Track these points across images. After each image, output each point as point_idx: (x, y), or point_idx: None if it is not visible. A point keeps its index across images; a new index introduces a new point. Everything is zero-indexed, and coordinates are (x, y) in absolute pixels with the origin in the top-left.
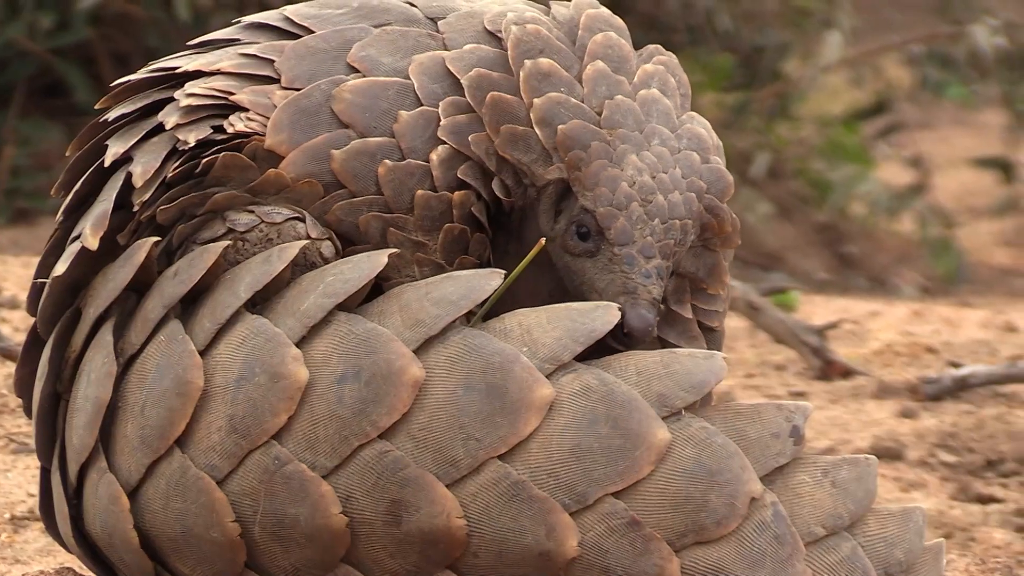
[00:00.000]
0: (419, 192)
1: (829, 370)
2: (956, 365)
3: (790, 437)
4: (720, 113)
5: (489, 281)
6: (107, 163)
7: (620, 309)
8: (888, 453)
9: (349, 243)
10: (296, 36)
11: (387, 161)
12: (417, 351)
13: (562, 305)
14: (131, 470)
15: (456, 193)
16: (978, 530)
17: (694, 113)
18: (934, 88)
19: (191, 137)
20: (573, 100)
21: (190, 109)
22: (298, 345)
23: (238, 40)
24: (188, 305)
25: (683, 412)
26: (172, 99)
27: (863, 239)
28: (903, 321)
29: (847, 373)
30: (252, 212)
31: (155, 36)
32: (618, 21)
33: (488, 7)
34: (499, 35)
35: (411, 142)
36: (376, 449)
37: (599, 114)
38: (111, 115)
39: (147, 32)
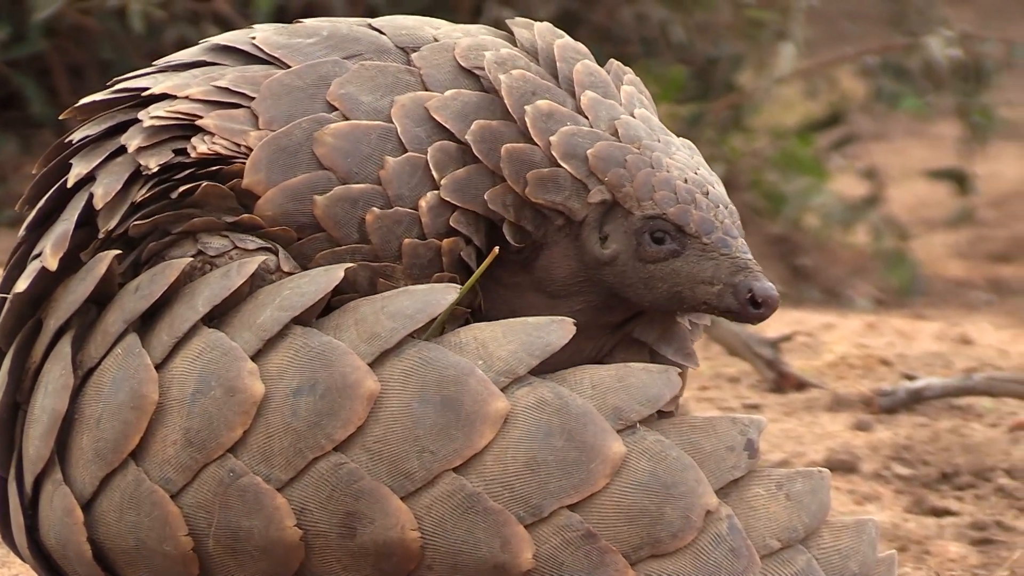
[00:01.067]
0: (407, 240)
1: (783, 382)
2: (911, 378)
3: (745, 450)
4: (674, 125)
5: (445, 295)
6: (70, 183)
7: (746, 285)
8: (842, 466)
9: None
10: (264, 62)
11: (375, 209)
12: (373, 364)
13: (518, 319)
14: (86, 483)
15: (445, 240)
16: (933, 543)
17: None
18: (888, 99)
19: (152, 162)
20: (586, 128)
21: (153, 131)
22: (254, 358)
23: (204, 62)
24: (147, 318)
25: (638, 425)
26: (137, 120)
27: (817, 251)
28: (857, 333)
29: (801, 385)
30: (226, 237)
31: (109, 48)
32: (583, 47)
33: (454, 36)
34: (476, 72)
35: (398, 189)
36: (331, 462)
37: (615, 135)
38: (76, 135)
39: (101, 44)
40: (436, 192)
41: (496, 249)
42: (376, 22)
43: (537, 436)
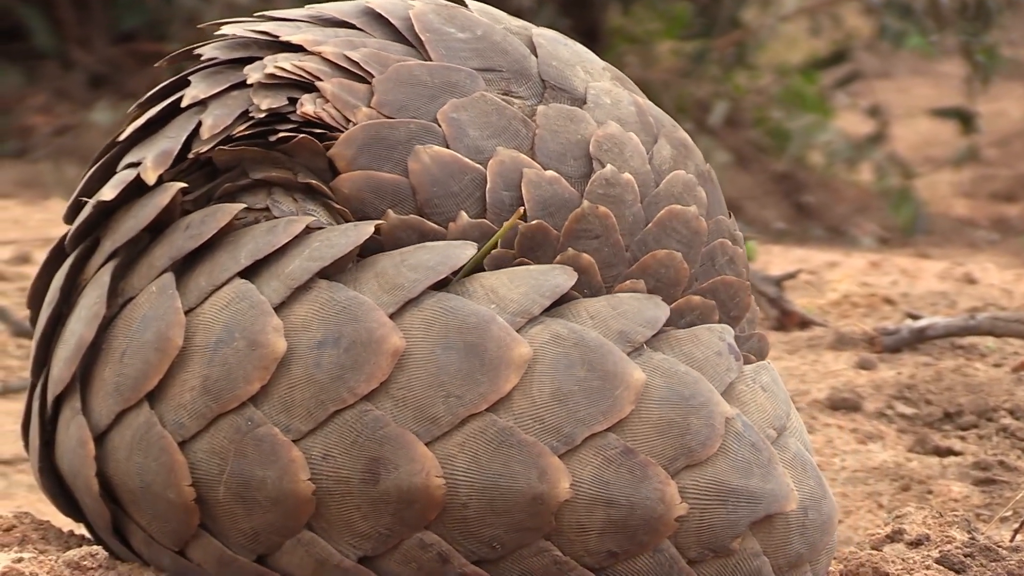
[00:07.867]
0: None
1: (786, 320)
2: (914, 317)
3: (731, 354)
4: (678, 62)
5: (464, 250)
6: (184, 103)
7: None
8: (845, 404)
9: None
10: (410, 45)
11: None
12: (394, 315)
13: (520, 267)
14: (102, 415)
15: None
16: (936, 483)
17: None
18: (893, 38)
19: (265, 103)
20: None
21: (272, 77)
22: (280, 308)
23: (352, 25)
24: (188, 259)
25: (644, 346)
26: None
27: (821, 189)
28: (861, 272)
29: (804, 324)
30: (297, 202)
31: None
32: (695, 221)
33: (601, 103)
34: (592, 159)
35: None
36: (356, 410)
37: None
38: (206, 52)
39: None
40: None
41: (521, 210)
42: (539, 35)
43: (559, 368)
